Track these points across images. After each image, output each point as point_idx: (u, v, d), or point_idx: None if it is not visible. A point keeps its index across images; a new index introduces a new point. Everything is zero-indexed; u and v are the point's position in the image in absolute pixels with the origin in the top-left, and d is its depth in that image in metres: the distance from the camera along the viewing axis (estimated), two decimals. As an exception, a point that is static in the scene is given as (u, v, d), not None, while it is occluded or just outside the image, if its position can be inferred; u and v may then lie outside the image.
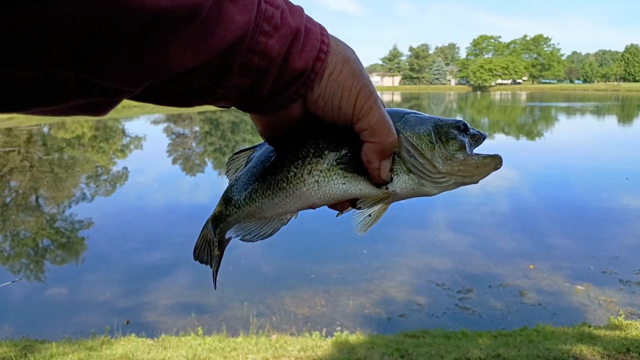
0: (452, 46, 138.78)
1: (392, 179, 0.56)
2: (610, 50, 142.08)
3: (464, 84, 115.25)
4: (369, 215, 0.60)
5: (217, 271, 0.66)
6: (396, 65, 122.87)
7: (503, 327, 4.40)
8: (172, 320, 4.67)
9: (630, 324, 4.19)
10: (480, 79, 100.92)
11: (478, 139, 0.61)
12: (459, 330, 4.16)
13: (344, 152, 0.55)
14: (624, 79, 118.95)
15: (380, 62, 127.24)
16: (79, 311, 4.96)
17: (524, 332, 4.07)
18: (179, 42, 0.37)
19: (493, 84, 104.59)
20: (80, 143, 19.20)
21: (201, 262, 0.68)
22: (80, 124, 24.53)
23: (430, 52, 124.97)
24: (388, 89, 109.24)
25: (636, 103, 49.08)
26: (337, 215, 0.63)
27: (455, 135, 0.58)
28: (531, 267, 5.82)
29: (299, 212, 0.60)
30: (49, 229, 7.98)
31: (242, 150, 0.63)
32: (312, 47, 0.46)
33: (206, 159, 15.92)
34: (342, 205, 0.59)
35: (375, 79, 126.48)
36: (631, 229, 7.49)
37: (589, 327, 4.20)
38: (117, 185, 11.89)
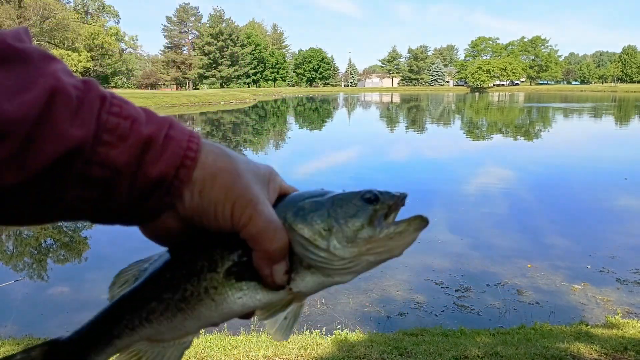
0: (450, 47, 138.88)
1: (290, 279, 0.50)
2: (607, 52, 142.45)
3: (462, 85, 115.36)
4: (285, 318, 0.53)
5: None
6: (395, 67, 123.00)
7: (501, 325, 4.41)
8: (174, 319, 4.69)
9: (628, 322, 4.20)
10: (479, 80, 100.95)
11: (395, 203, 0.53)
12: (458, 328, 4.16)
13: (236, 260, 0.49)
14: (621, 80, 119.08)
15: (379, 64, 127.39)
16: (81, 310, 4.95)
17: (522, 331, 4.07)
18: None
19: (491, 85, 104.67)
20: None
21: None
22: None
23: (429, 53, 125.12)
24: (387, 90, 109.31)
25: (633, 104, 49.14)
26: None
27: (356, 212, 0.50)
28: (529, 266, 5.85)
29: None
30: (51, 228, 7.99)
31: (134, 263, 0.55)
32: (174, 154, 0.44)
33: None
34: (247, 315, 0.53)
35: (374, 80, 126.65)
36: (629, 228, 7.52)
37: (587, 325, 4.21)
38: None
